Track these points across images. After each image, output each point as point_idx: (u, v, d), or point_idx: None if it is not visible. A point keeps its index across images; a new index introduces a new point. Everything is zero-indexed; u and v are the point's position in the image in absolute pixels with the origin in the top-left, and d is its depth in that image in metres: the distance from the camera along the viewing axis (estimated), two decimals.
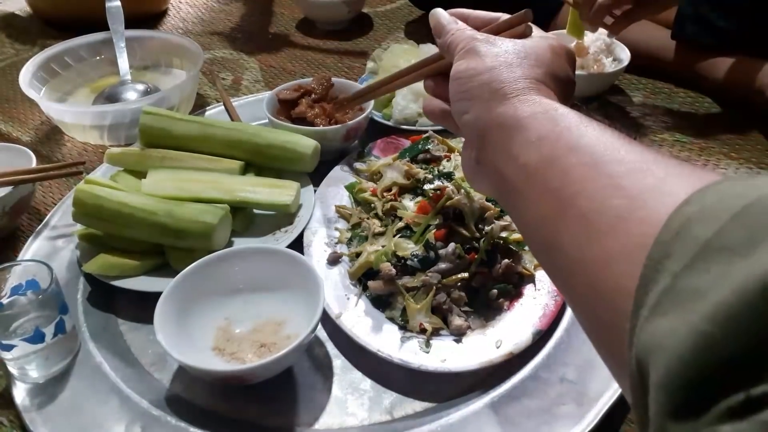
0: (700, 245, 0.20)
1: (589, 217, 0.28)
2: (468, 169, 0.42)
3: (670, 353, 0.19)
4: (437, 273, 0.55)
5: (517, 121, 0.35)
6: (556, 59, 0.41)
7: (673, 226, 0.22)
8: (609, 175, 0.28)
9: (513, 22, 0.43)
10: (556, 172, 0.31)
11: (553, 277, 0.33)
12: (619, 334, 0.24)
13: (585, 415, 0.48)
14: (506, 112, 0.36)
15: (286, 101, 0.78)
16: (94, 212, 0.60)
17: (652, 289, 0.21)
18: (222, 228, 0.61)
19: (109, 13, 0.94)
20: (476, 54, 0.40)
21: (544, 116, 0.35)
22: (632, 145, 0.30)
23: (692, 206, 0.22)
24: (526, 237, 0.36)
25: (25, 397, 0.51)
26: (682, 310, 0.19)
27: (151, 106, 0.73)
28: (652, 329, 0.20)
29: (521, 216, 0.35)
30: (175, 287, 0.54)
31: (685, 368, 0.18)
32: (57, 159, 0.83)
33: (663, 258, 0.21)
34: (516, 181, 0.35)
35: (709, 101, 0.91)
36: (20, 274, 0.54)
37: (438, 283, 0.55)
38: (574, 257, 0.29)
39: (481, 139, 0.38)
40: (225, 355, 0.53)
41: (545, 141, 0.33)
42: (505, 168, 0.36)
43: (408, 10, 1.25)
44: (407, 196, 0.65)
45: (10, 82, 1.00)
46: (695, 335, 0.18)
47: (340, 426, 0.49)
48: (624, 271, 0.25)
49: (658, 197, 0.25)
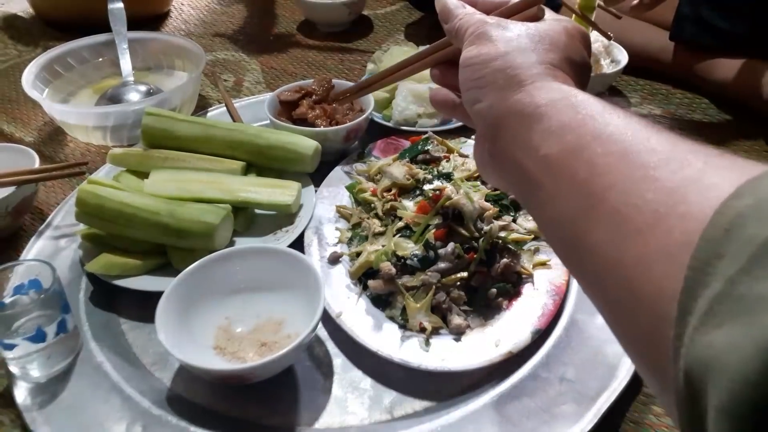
0: (758, 245, 0.18)
1: (622, 213, 0.26)
2: (481, 162, 0.39)
3: (734, 373, 0.17)
4: (437, 272, 0.56)
5: (535, 109, 0.33)
6: (571, 43, 0.38)
7: (721, 222, 0.20)
8: (642, 166, 0.26)
9: (524, 5, 0.40)
10: (582, 163, 0.29)
11: (581, 278, 0.31)
12: (660, 343, 0.22)
13: (584, 415, 0.48)
14: (523, 100, 0.34)
15: (287, 102, 0.79)
16: (97, 212, 0.61)
17: (701, 294, 0.19)
18: (223, 228, 0.62)
19: (111, 15, 0.94)
20: (487, 39, 0.38)
21: (563, 103, 0.32)
22: (663, 134, 0.27)
23: (744, 200, 0.20)
24: (548, 234, 0.34)
25: (26, 397, 0.51)
26: (744, 322, 0.17)
27: (153, 107, 0.74)
28: (707, 342, 0.18)
29: (543, 212, 0.33)
30: (176, 287, 0.54)
31: (753, 391, 0.16)
32: (60, 159, 0.83)
33: (712, 259, 0.19)
34: (537, 175, 0.32)
35: (707, 102, 0.92)
36: (23, 273, 0.54)
37: (437, 283, 0.55)
38: (606, 257, 0.27)
39: (496, 130, 0.36)
40: (226, 355, 0.53)
41: (567, 130, 0.31)
42: (523, 160, 0.33)
43: (408, 12, 1.25)
44: (407, 196, 0.65)
45: (13, 83, 1.01)
46: (763, 353, 0.16)
47: (341, 425, 0.49)
48: (665, 273, 0.23)
49: (699, 190, 0.23)
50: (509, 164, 0.35)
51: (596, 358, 0.52)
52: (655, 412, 0.51)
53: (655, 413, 0.50)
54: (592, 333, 0.55)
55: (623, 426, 0.50)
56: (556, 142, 0.31)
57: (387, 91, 0.85)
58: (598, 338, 0.54)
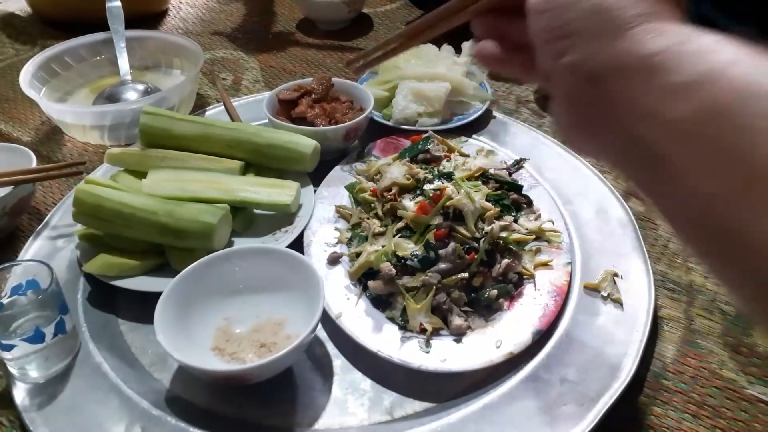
0: None
1: None
2: (567, 127, 0.33)
3: None
4: (437, 273, 0.56)
5: (649, 61, 0.26)
6: None
7: None
8: None
9: None
10: (726, 128, 0.23)
11: (727, 267, 0.26)
12: None
13: (585, 416, 0.48)
14: (629, 49, 0.27)
15: (286, 101, 0.78)
16: (95, 212, 0.60)
17: None
18: (222, 228, 0.61)
19: (109, 13, 0.94)
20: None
21: (686, 49, 0.26)
22: None
23: None
24: (673, 216, 0.28)
25: (25, 397, 0.51)
26: None
27: (151, 106, 0.73)
28: None
29: (669, 190, 0.27)
30: (175, 287, 0.54)
31: None
32: (57, 159, 0.83)
33: None
34: (658, 144, 0.26)
35: None
36: (20, 274, 0.54)
37: (438, 283, 0.55)
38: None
39: (594, 89, 0.29)
40: (225, 355, 0.53)
41: (698, 86, 0.24)
42: (637, 127, 0.27)
43: (408, 10, 1.25)
44: (407, 196, 0.65)
45: (10, 82, 1.00)
46: None
47: (340, 426, 0.49)
48: None
49: None
50: (615, 132, 0.29)
51: (597, 359, 0.52)
52: (656, 412, 0.50)
53: (655, 414, 0.50)
54: (594, 334, 0.54)
55: (624, 427, 0.50)
56: (684, 103, 0.25)
57: (387, 90, 0.85)
58: (600, 339, 0.54)
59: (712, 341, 0.56)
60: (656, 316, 0.58)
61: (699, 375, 0.53)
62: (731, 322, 0.58)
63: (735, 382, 0.53)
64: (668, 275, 0.63)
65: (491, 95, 0.87)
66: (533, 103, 0.92)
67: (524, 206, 0.67)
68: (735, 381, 0.53)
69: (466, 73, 0.87)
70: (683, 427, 0.49)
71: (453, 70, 0.85)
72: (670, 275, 0.63)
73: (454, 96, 0.83)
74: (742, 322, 0.58)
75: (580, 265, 0.61)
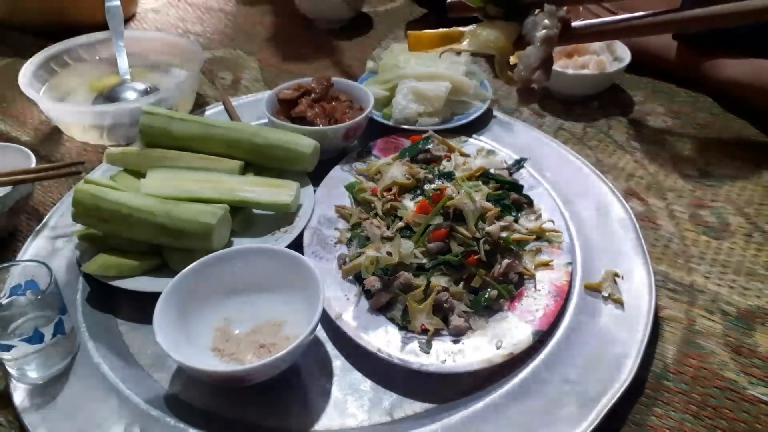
0: None
1: None
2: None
3: None
4: (438, 274, 0.55)
5: None
6: None
7: None
8: None
9: None
10: None
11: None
12: None
13: (586, 416, 0.48)
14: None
15: (285, 101, 0.78)
16: (94, 212, 0.60)
17: None
18: (221, 228, 0.61)
19: (108, 13, 0.93)
20: None
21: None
22: None
23: None
24: None
25: (24, 398, 0.51)
26: None
27: (150, 106, 0.73)
28: None
29: None
30: (174, 287, 0.53)
31: None
32: (56, 159, 0.83)
33: None
34: None
35: (711, 101, 0.91)
36: (19, 274, 0.53)
37: (438, 284, 0.55)
38: None
39: None
40: (224, 356, 0.52)
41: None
42: None
43: (408, 9, 1.25)
44: (407, 196, 0.65)
45: (9, 81, 1.00)
46: None
47: (340, 427, 0.49)
48: None
49: None
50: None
51: (598, 360, 0.52)
52: (657, 413, 0.50)
53: (656, 414, 0.50)
54: (594, 334, 0.54)
55: (625, 428, 0.49)
56: None
57: (387, 89, 0.85)
58: (600, 339, 0.54)
59: (714, 342, 0.56)
60: (657, 317, 0.58)
61: (700, 376, 0.53)
62: (732, 322, 0.58)
63: (736, 383, 0.52)
64: (669, 276, 0.63)
65: (491, 94, 0.86)
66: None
67: (525, 206, 0.66)
68: (736, 382, 0.53)
69: (466, 72, 0.87)
70: (684, 427, 0.49)
71: (453, 69, 0.85)
72: (672, 276, 0.63)
73: (454, 95, 0.83)
74: (743, 323, 0.58)
75: (580, 265, 0.61)
